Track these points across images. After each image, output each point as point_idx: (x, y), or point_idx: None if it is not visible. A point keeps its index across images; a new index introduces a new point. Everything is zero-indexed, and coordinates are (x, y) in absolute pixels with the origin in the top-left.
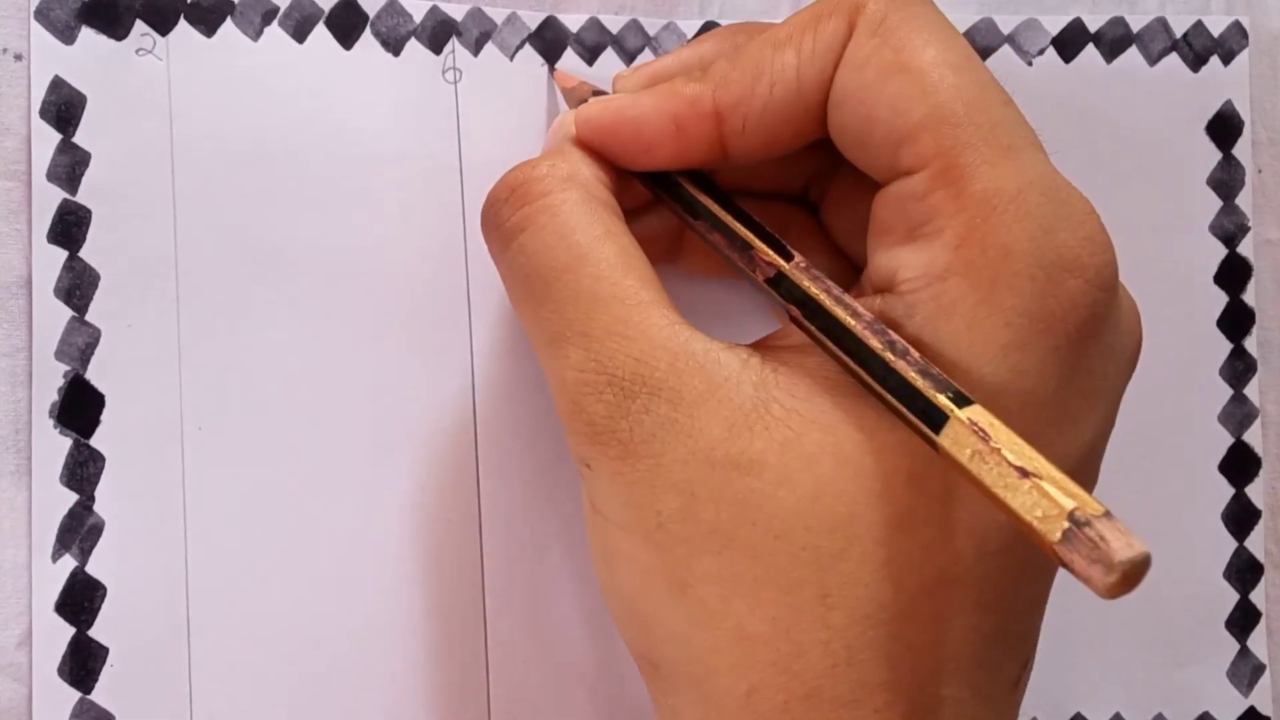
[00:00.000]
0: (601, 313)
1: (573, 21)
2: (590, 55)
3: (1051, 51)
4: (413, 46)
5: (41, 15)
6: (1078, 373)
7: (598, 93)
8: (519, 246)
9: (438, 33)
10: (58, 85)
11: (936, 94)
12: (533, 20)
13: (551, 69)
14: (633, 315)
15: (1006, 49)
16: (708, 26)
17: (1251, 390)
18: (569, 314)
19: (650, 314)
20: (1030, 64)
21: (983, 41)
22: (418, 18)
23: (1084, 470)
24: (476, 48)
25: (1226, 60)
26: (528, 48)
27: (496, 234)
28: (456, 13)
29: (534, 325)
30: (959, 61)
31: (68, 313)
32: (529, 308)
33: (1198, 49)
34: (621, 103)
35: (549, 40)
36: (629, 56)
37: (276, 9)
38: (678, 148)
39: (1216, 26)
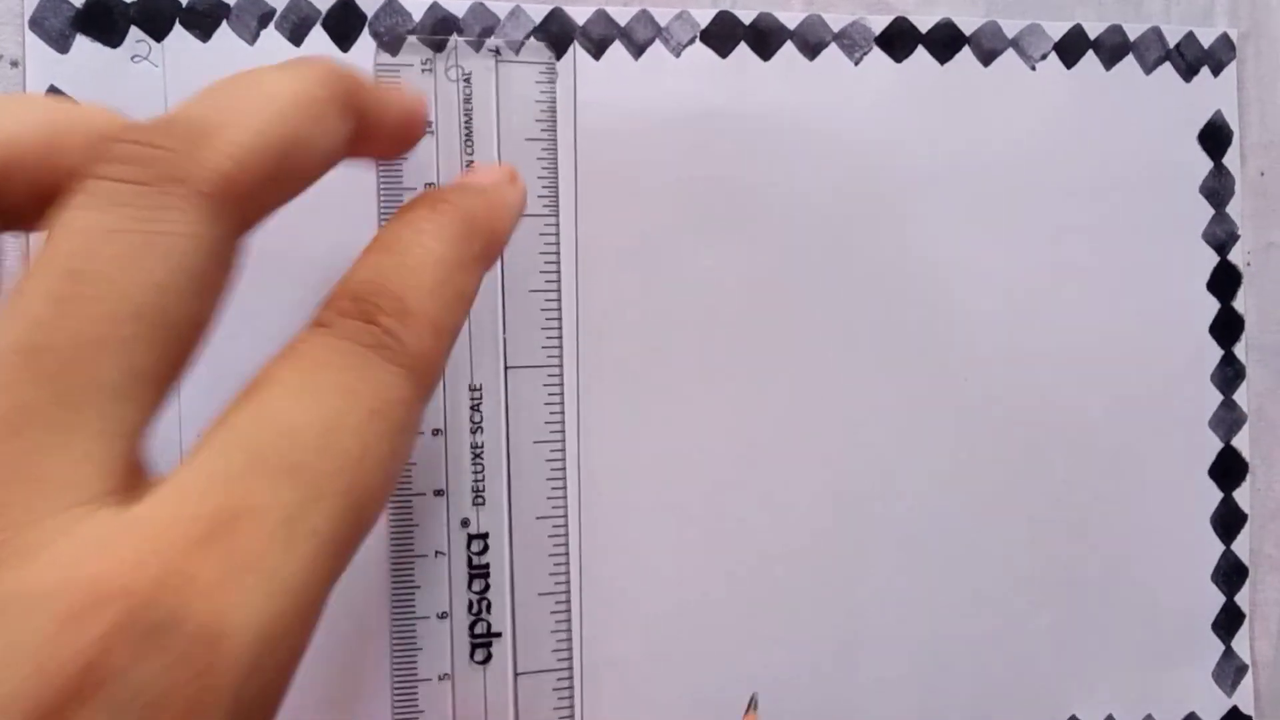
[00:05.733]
0: None
1: (579, 13)
2: (597, 49)
3: (1054, 57)
4: (412, 45)
5: (36, 24)
6: None
7: None
8: None
9: (438, 30)
10: (53, 94)
11: None
12: (538, 13)
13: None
14: None
15: (1011, 53)
16: (722, 16)
17: (1240, 396)
18: None
19: None
20: (1034, 69)
21: (988, 45)
22: (417, 15)
23: None
24: (479, 43)
25: (1216, 71)
26: (532, 41)
27: None
28: (458, 9)
29: None
30: None
31: None
32: None
33: (1189, 59)
34: None
35: (554, 34)
36: (638, 50)
37: (273, 11)
38: None
39: (1206, 38)
